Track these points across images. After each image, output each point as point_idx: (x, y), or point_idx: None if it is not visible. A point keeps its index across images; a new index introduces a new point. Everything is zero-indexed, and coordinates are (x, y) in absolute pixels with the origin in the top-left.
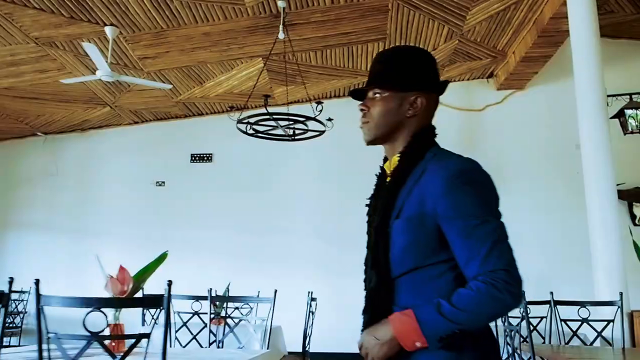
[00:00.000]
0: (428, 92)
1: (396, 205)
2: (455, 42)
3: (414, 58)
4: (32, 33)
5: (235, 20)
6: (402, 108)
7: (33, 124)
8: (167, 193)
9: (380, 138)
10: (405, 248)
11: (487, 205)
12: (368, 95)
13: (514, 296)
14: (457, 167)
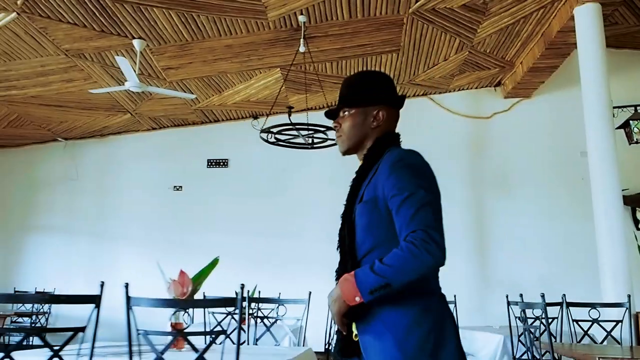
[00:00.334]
0: (388, 106)
1: (359, 194)
2: (466, 54)
3: (373, 79)
4: (63, 45)
5: (257, 34)
6: (367, 121)
7: (55, 130)
8: (184, 197)
9: (352, 148)
10: (365, 228)
11: (419, 180)
12: (339, 114)
13: (431, 253)
14: (398, 155)
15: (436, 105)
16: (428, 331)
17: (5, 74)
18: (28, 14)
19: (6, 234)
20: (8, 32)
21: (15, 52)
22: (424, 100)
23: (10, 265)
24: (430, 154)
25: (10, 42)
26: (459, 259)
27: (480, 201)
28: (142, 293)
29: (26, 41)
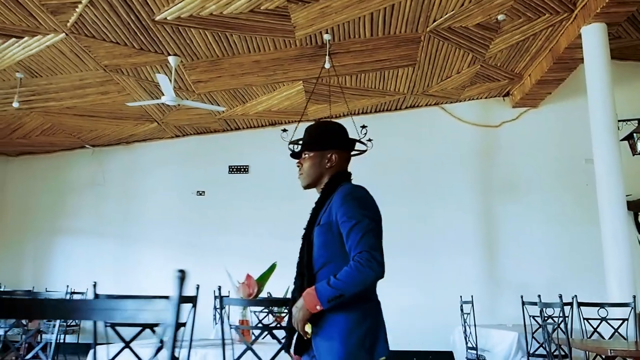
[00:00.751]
0: (339, 150)
1: (317, 219)
2: (478, 67)
3: (329, 129)
4: (103, 62)
5: (284, 50)
6: (322, 162)
7: (84, 138)
8: (206, 202)
9: (311, 183)
10: (321, 246)
11: (364, 211)
12: (302, 156)
13: (373, 269)
14: (348, 189)
15: (447, 114)
16: (366, 331)
17: (45, 87)
18: (75, 34)
19: (36, 236)
20: (54, 50)
21: (58, 68)
22: (436, 109)
23: (40, 266)
24: (442, 161)
25: (55, 59)
26: (470, 263)
27: (490, 207)
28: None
29: (70, 58)
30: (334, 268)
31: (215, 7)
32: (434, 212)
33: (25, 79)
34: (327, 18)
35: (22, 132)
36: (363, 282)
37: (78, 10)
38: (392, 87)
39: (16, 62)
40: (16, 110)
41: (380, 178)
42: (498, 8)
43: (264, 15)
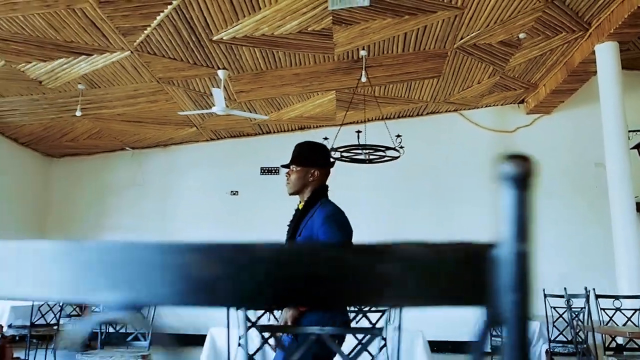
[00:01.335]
0: (321, 167)
1: (299, 229)
2: (497, 78)
3: (314, 149)
4: (158, 75)
5: (322, 64)
6: (306, 176)
7: (126, 141)
8: (240, 201)
9: (296, 192)
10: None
11: (341, 232)
12: (290, 167)
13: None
14: (328, 212)
15: (465, 120)
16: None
17: (102, 96)
18: (139, 52)
19: (80, 233)
20: (117, 65)
21: (117, 80)
22: (455, 115)
23: None
24: (460, 164)
25: (115, 72)
26: None
27: None
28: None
29: (129, 72)
30: None
31: (268, 29)
32: (453, 214)
33: (86, 89)
34: (366, 37)
35: (72, 136)
36: None
37: (146, 31)
38: (416, 95)
39: (80, 75)
40: (71, 116)
41: (402, 181)
42: (520, 28)
43: (310, 35)
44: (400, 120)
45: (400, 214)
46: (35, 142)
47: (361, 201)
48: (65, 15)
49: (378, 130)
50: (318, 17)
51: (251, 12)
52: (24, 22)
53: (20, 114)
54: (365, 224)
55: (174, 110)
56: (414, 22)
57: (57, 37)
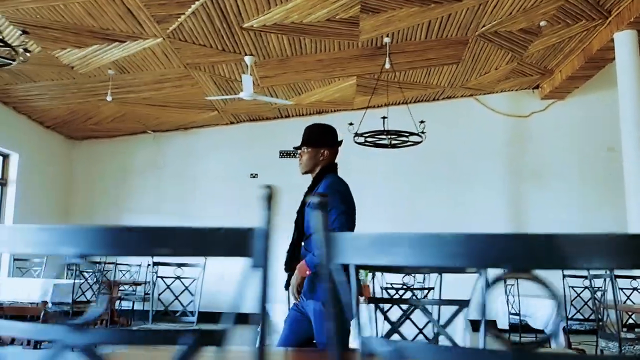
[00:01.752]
0: (330, 147)
1: (308, 201)
2: (515, 64)
3: (324, 131)
4: (186, 61)
5: (346, 51)
6: (317, 156)
7: (148, 125)
8: (260, 183)
9: (308, 171)
10: (309, 221)
11: (339, 200)
12: (302, 149)
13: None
14: (330, 181)
15: (481, 105)
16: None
17: (130, 81)
18: (171, 39)
19: (104, 214)
20: (148, 52)
21: (146, 65)
22: (471, 100)
23: None
24: (475, 148)
25: (145, 58)
26: None
27: (519, 191)
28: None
29: (159, 57)
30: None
31: (298, 16)
32: (468, 197)
33: (115, 74)
34: (391, 25)
35: (96, 120)
36: None
37: (180, 19)
38: (435, 81)
39: (111, 61)
40: (98, 100)
41: (418, 165)
42: (541, 15)
43: (338, 22)
44: (417, 104)
45: (417, 197)
46: (60, 125)
47: (379, 185)
48: (104, 3)
49: (397, 114)
50: (347, 5)
51: (283, 1)
52: (64, 10)
53: (49, 97)
54: (383, 207)
55: (198, 95)
56: (440, 10)
57: (94, 24)
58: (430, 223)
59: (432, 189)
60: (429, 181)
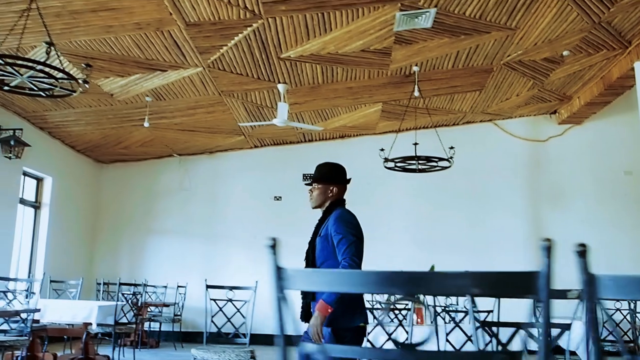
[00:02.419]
0: (339, 184)
1: (319, 232)
2: (535, 91)
3: (333, 169)
4: (221, 88)
5: (375, 79)
6: (326, 192)
7: (175, 148)
8: (283, 206)
9: (318, 206)
10: (320, 250)
11: (348, 229)
12: (312, 185)
13: (353, 267)
14: (339, 213)
15: (500, 129)
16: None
17: (165, 107)
18: (210, 68)
19: (131, 235)
20: (186, 79)
21: (182, 92)
22: (490, 125)
23: (134, 262)
24: (494, 171)
25: (182, 86)
26: (519, 262)
27: (538, 213)
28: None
29: (196, 85)
30: (327, 265)
31: (334, 48)
32: (488, 218)
33: (152, 101)
34: (421, 54)
35: (127, 144)
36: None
37: (222, 50)
38: (457, 107)
39: (150, 89)
40: (131, 126)
41: (442, 186)
42: (565, 46)
43: (371, 53)
44: (438, 129)
45: (439, 218)
46: (90, 149)
47: (401, 205)
48: (152, 36)
49: (420, 138)
50: (382, 37)
51: (322, 33)
52: (114, 42)
53: (85, 123)
54: (404, 226)
55: (227, 120)
56: (469, 41)
57: (140, 55)
58: (451, 243)
59: (453, 210)
60: (450, 202)
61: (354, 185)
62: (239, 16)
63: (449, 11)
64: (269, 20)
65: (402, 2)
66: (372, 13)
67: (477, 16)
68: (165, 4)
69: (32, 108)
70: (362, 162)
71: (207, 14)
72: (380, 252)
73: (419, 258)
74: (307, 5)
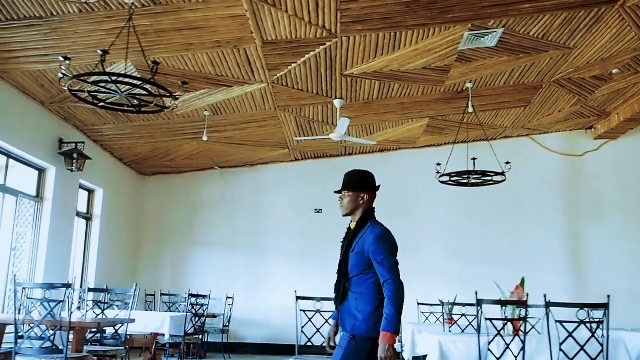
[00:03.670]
0: (369, 191)
1: (352, 246)
2: (578, 107)
3: (363, 176)
4: (279, 103)
5: (428, 95)
6: (357, 200)
7: (218, 161)
8: (324, 219)
9: (349, 214)
10: (354, 265)
11: (389, 249)
12: (342, 193)
13: (401, 290)
14: (378, 232)
15: (536, 144)
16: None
17: (219, 121)
18: (274, 84)
19: (174, 247)
20: (248, 95)
21: (239, 107)
22: (526, 139)
23: (178, 273)
24: (531, 185)
25: (242, 101)
26: (556, 275)
27: (575, 226)
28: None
29: (255, 100)
30: (359, 279)
31: (398, 65)
32: (524, 231)
33: (210, 116)
34: (477, 72)
35: (173, 157)
36: (402, 299)
37: (290, 67)
38: (499, 122)
39: (211, 104)
40: (182, 139)
41: (478, 199)
42: (615, 64)
43: (431, 70)
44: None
45: (474, 231)
46: (136, 162)
47: (438, 218)
48: (229, 53)
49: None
50: (445, 55)
51: (390, 52)
52: (190, 59)
53: (138, 137)
54: (441, 239)
55: (277, 134)
56: (526, 60)
57: (211, 71)
58: (487, 256)
59: (489, 224)
60: (486, 216)
61: (393, 198)
62: (315, 35)
63: (515, 31)
64: (342, 39)
65: (474, 23)
66: (442, 32)
67: (540, 36)
68: (250, 24)
69: (91, 122)
70: (401, 175)
71: (285, 32)
72: (416, 265)
73: (456, 271)
74: (383, 25)
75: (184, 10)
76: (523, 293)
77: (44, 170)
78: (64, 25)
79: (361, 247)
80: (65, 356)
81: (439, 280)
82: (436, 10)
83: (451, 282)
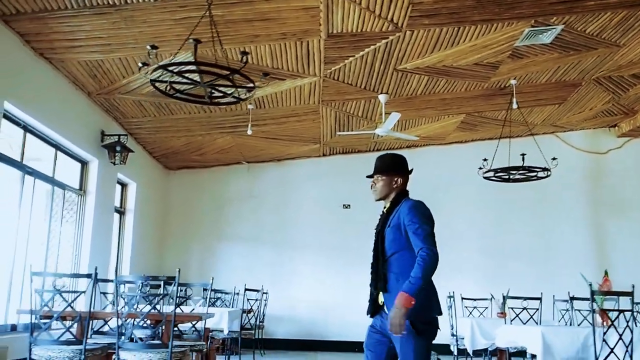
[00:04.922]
0: (403, 174)
1: (388, 222)
2: (609, 105)
3: (396, 160)
4: (324, 97)
5: (471, 91)
6: (390, 183)
7: (247, 156)
8: (352, 214)
9: (382, 198)
10: (391, 241)
11: (424, 219)
12: (375, 177)
13: (435, 258)
14: (412, 203)
15: (561, 141)
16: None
17: (260, 115)
18: (326, 78)
19: (200, 240)
20: (296, 88)
21: (284, 101)
22: (551, 137)
23: (205, 266)
24: (557, 182)
25: (289, 94)
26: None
27: (599, 222)
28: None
29: (303, 94)
30: (399, 256)
31: (452, 60)
32: (551, 227)
33: (253, 109)
34: (524, 69)
35: (205, 151)
36: (433, 268)
37: (347, 61)
38: (531, 119)
39: (256, 97)
40: (219, 132)
41: (505, 195)
42: None
43: (481, 66)
44: (501, 141)
45: (502, 226)
46: (166, 155)
47: (466, 214)
48: (291, 45)
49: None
50: (500, 51)
51: (448, 47)
52: (252, 51)
53: (175, 130)
54: (472, 235)
55: (312, 129)
56: (574, 57)
57: (269, 63)
58: (516, 252)
59: (517, 220)
60: (514, 212)
61: (421, 194)
62: (381, 29)
63: (573, 28)
64: (406, 33)
65: (537, 19)
66: (504, 28)
67: (596, 34)
68: (320, 15)
69: (132, 114)
70: (429, 171)
71: (352, 25)
72: (446, 260)
73: (485, 266)
74: (450, 20)
75: (260, 0)
76: (611, 284)
77: (86, 162)
78: (136, 14)
79: (397, 220)
80: (170, 350)
81: (470, 276)
82: (505, 5)
83: (482, 278)
